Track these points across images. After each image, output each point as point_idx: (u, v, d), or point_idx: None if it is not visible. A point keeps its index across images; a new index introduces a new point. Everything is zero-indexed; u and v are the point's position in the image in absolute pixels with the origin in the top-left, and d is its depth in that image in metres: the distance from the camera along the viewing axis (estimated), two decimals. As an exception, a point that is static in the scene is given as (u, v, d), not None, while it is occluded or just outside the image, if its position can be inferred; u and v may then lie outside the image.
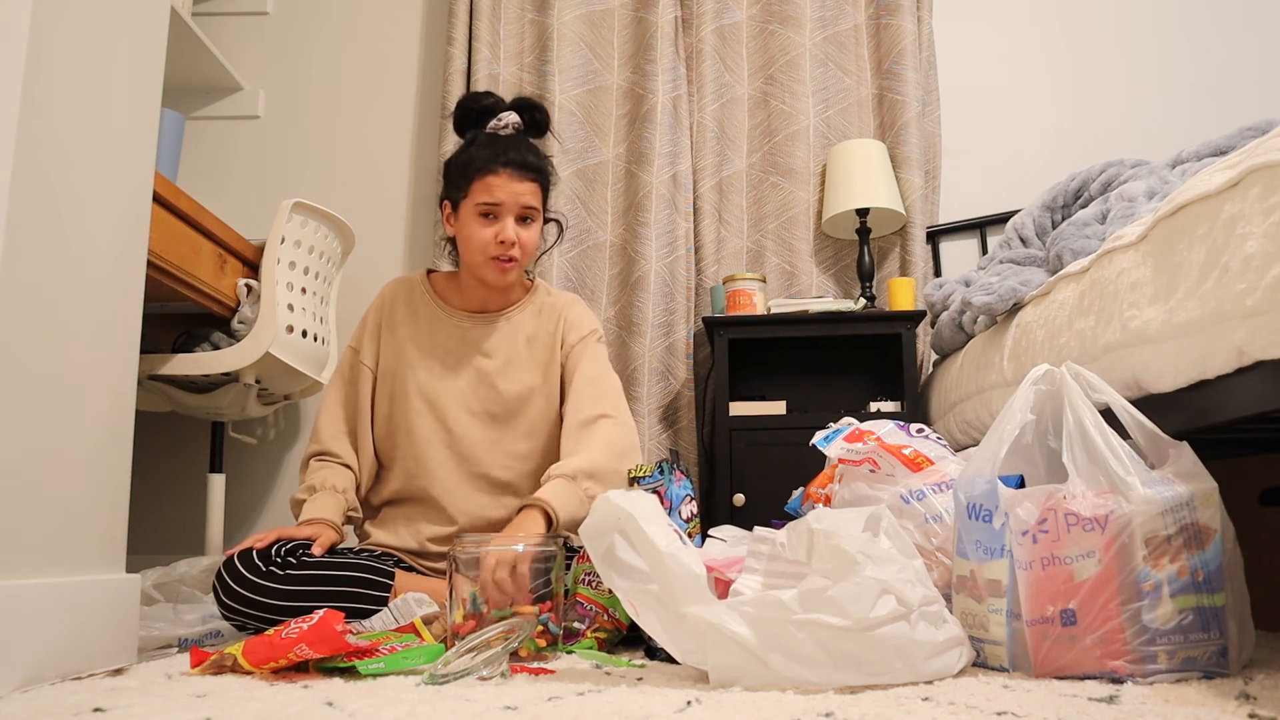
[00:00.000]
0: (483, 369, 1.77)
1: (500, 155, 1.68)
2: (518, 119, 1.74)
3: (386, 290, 1.85)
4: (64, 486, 1.20)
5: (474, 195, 1.69)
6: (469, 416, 1.75)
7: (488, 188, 1.67)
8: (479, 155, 1.69)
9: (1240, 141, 1.82)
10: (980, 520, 1.17)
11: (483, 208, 1.68)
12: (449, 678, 1.09)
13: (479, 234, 1.69)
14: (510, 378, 1.77)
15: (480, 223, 1.69)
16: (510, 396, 1.76)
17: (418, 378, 1.76)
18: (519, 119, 1.74)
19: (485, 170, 1.67)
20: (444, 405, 1.74)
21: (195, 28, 2.63)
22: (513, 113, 1.74)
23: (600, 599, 1.44)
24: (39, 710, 0.94)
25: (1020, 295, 1.81)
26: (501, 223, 1.68)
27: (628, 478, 1.64)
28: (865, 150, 2.57)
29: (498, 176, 1.67)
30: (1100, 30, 2.85)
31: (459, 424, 1.74)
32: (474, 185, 1.68)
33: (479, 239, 1.69)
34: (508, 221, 1.68)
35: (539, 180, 1.71)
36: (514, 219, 1.69)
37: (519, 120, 1.74)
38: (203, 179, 2.88)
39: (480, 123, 1.74)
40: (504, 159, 1.68)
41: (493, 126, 1.73)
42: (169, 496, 2.72)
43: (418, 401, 1.75)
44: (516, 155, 1.69)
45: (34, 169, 1.13)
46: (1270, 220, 1.01)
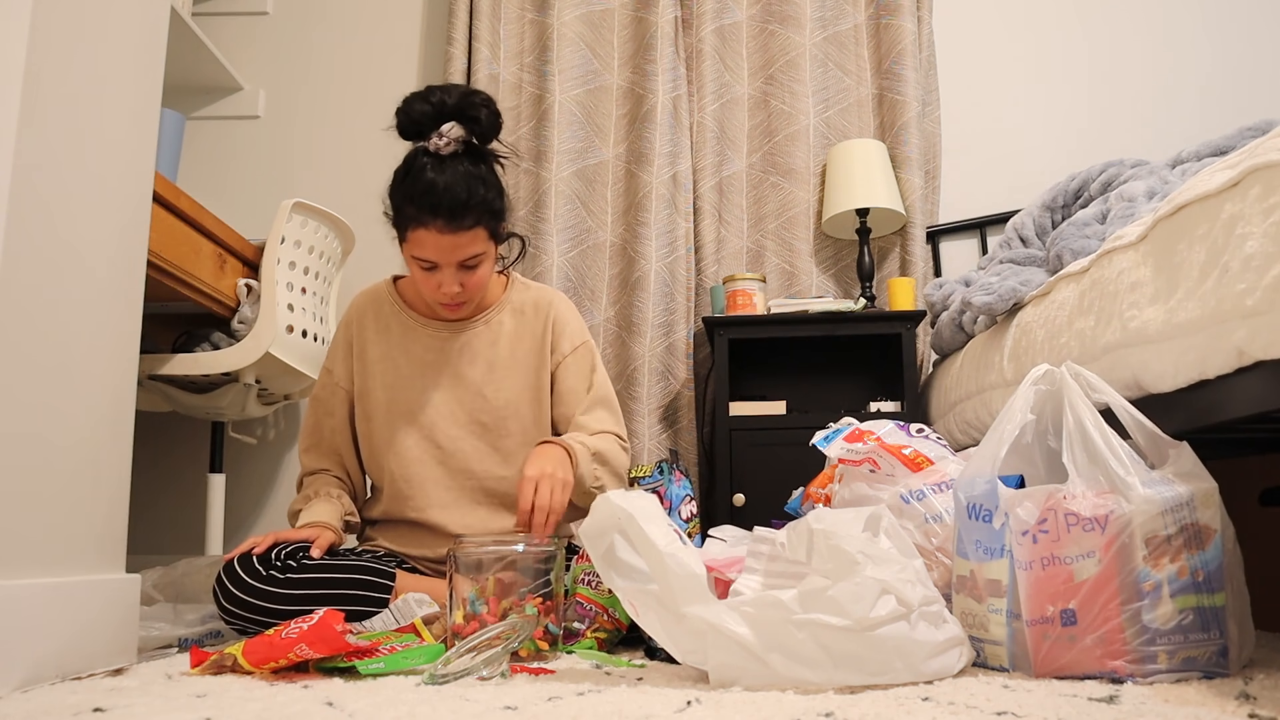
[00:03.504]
0: (466, 377, 1.69)
1: (429, 206, 1.49)
2: (460, 132, 1.52)
3: (353, 306, 1.75)
4: (64, 487, 1.20)
5: (410, 245, 1.56)
6: (457, 429, 1.68)
7: (420, 243, 1.53)
8: (409, 201, 1.52)
9: (1240, 141, 1.82)
10: (980, 520, 1.17)
11: (420, 262, 1.56)
12: (449, 678, 1.09)
13: (421, 280, 1.59)
14: (496, 384, 1.70)
15: (421, 272, 1.58)
16: (499, 404, 1.69)
17: (398, 395, 1.68)
18: (461, 131, 1.52)
19: (416, 223, 1.52)
20: (430, 420, 1.68)
21: (195, 28, 2.63)
22: (454, 125, 1.52)
23: (600, 599, 1.44)
24: (39, 710, 0.94)
25: (1020, 295, 1.81)
26: (441, 274, 1.56)
27: (627, 478, 1.64)
28: (865, 150, 2.57)
29: (429, 232, 1.51)
30: (1100, 30, 2.85)
31: (448, 438, 1.68)
32: (408, 235, 1.55)
33: (422, 284, 1.60)
34: (448, 273, 1.56)
35: (480, 221, 1.53)
36: (455, 268, 1.56)
37: (462, 134, 1.52)
38: (203, 179, 2.88)
39: (422, 134, 1.54)
40: (433, 210, 1.49)
41: (434, 145, 1.52)
42: (169, 496, 2.72)
43: (401, 420, 1.68)
44: (449, 203, 1.49)
45: (34, 169, 1.13)
46: (1270, 220, 1.01)
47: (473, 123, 1.53)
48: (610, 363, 2.64)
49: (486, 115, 1.54)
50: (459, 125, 1.52)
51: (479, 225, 1.54)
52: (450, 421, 1.68)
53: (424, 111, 1.53)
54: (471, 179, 1.52)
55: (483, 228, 1.55)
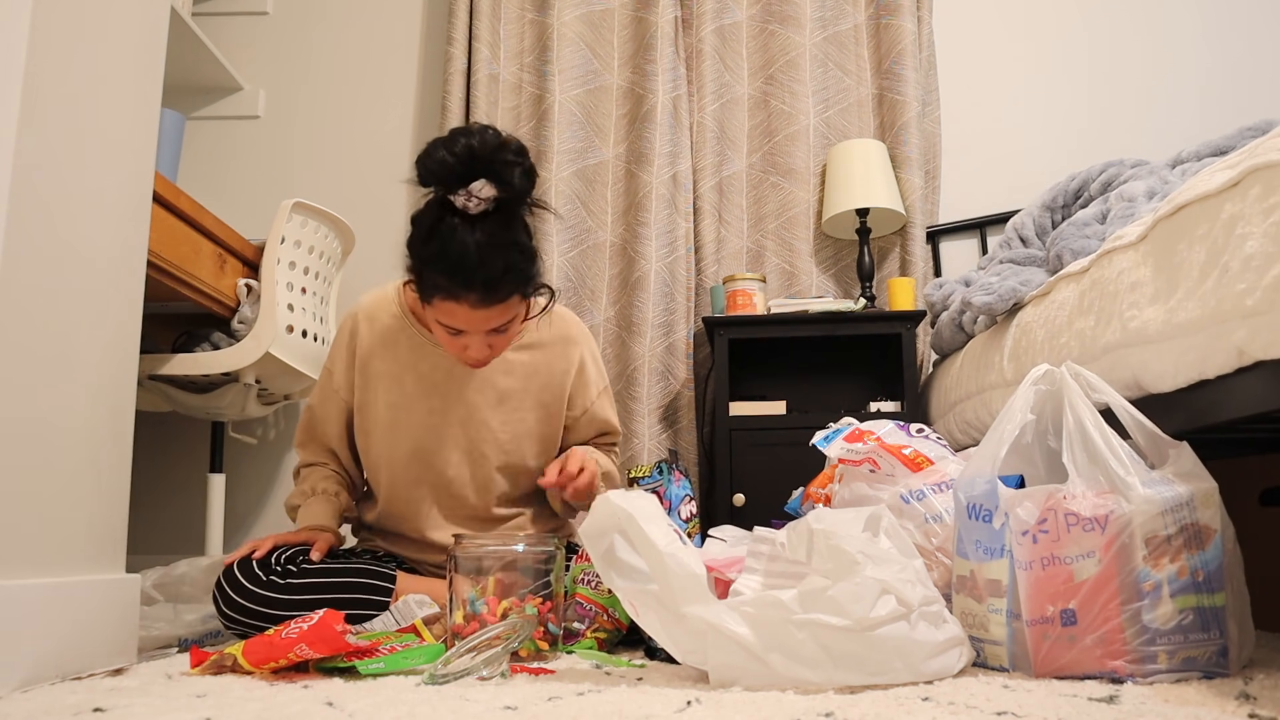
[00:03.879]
0: (473, 405, 1.61)
1: (463, 281, 1.36)
2: (492, 192, 1.33)
3: (359, 313, 1.63)
4: (64, 486, 1.20)
5: (435, 310, 1.43)
6: (459, 456, 1.62)
7: (450, 313, 1.42)
8: (438, 271, 1.37)
9: (1240, 141, 1.82)
10: (980, 520, 1.17)
11: (446, 327, 1.45)
12: (449, 678, 1.09)
13: (445, 340, 1.49)
14: (504, 417, 1.63)
15: (445, 334, 1.47)
16: (504, 437, 1.63)
17: (400, 415, 1.61)
18: (493, 191, 1.33)
19: (446, 295, 1.39)
20: (431, 446, 1.61)
21: (195, 28, 2.63)
22: (485, 184, 1.32)
23: (600, 599, 1.44)
24: (39, 710, 0.94)
25: (1020, 295, 1.81)
26: (468, 337, 1.46)
27: (627, 479, 1.64)
28: (865, 150, 2.57)
29: (459, 305, 1.39)
30: (1100, 30, 2.85)
31: (448, 464, 1.62)
32: (435, 302, 1.41)
33: (446, 345, 1.51)
34: (476, 339, 1.46)
35: (514, 293, 1.41)
36: (484, 334, 1.46)
37: (493, 194, 1.33)
38: (203, 179, 2.88)
39: (447, 185, 1.34)
40: (465, 286, 1.36)
41: (461, 204, 1.33)
42: (169, 496, 2.72)
43: (402, 441, 1.61)
44: (484, 277, 1.36)
45: (34, 169, 1.13)
46: (1270, 220, 1.01)
47: (505, 185, 1.34)
48: (610, 363, 2.64)
49: (519, 177, 1.35)
50: (490, 185, 1.33)
51: (512, 295, 1.42)
52: (452, 448, 1.62)
53: (448, 164, 1.33)
54: (506, 248, 1.37)
55: (517, 294, 1.43)
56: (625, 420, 2.58)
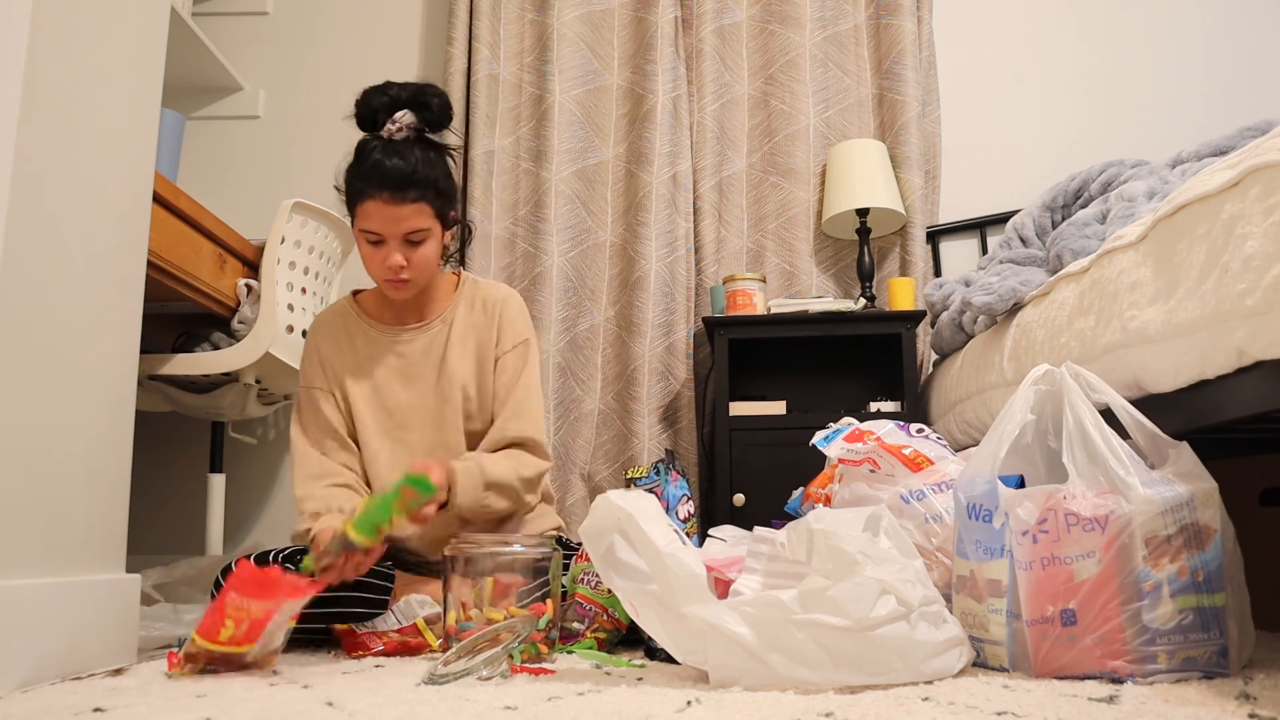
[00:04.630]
0: (429, 379, 1.70)
1: (376, 179, 1.55)
2: (412, 119, 1.59)
3: (315, 326, 1.76)
4: (64, 486, 1.20)
5: (359, 220, 1.60)
6: (429, 429, 1.68)
7: (367, 215, 1.57)
8: (359, 176, 1.58)
9: (1240, 141, 1.82)
10: (980, 520, 1.17)
11: (367, 235, 1.60)
12: (449, 678, 1.10)
13: (368, 257, 1.62)
14: (449, 379, 1.70)
15: (368, 248, 1.61)
16: (455, 399, 1.69)
17: (367, 403, 1.69)
18: (413, 118, 1.59)
19: (362, 194, 1.57)
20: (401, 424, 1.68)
21: (195, 28, 2.63)
22: (406, 112, 1.58)
23: (600, 599, 1.44)
24: (39, 710, 0.94)
25: (1020, 295, 1.81)
26: (386, 248, 1.59)
27: (625, 479, 1.64)
28: (865, 150, 2.57)
29: (375, 203, 1.56)
30: (1101, 30, 2.85)
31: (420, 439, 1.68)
32: (357, 210, 1.59)
33: (369, 262, 1.62)
34: (393, 247, 1.59)
35: (424, 197, 1.58)
36: (400, 243, 1.59)
37: (413, 120, 1.59)
38: (203, 179, 2.87)
39: (377, 124, 1.60)
40: (380, 182, 1.55)
41: (387, 131, 1.58)
42: (169, 496, 2.72)
43: (378, 428, 1.68)
44: (395, 175, 1.55)
45: (34, 169, 1.14)
46: (1270, 220, 1.01)
47: (423, 109, 1.60)
48: (610, 363, 2.64)
49: (438, 104, 1.61)
50: (411, 112, 1.59)
51: (423, 200, 1.58)
52: (422, 422, 1.68)
53: (381, 103, 1.60)
54: (418, 158, 1.58)
55: (427, 204, 1.59)
56: (625, 420, 2.58)
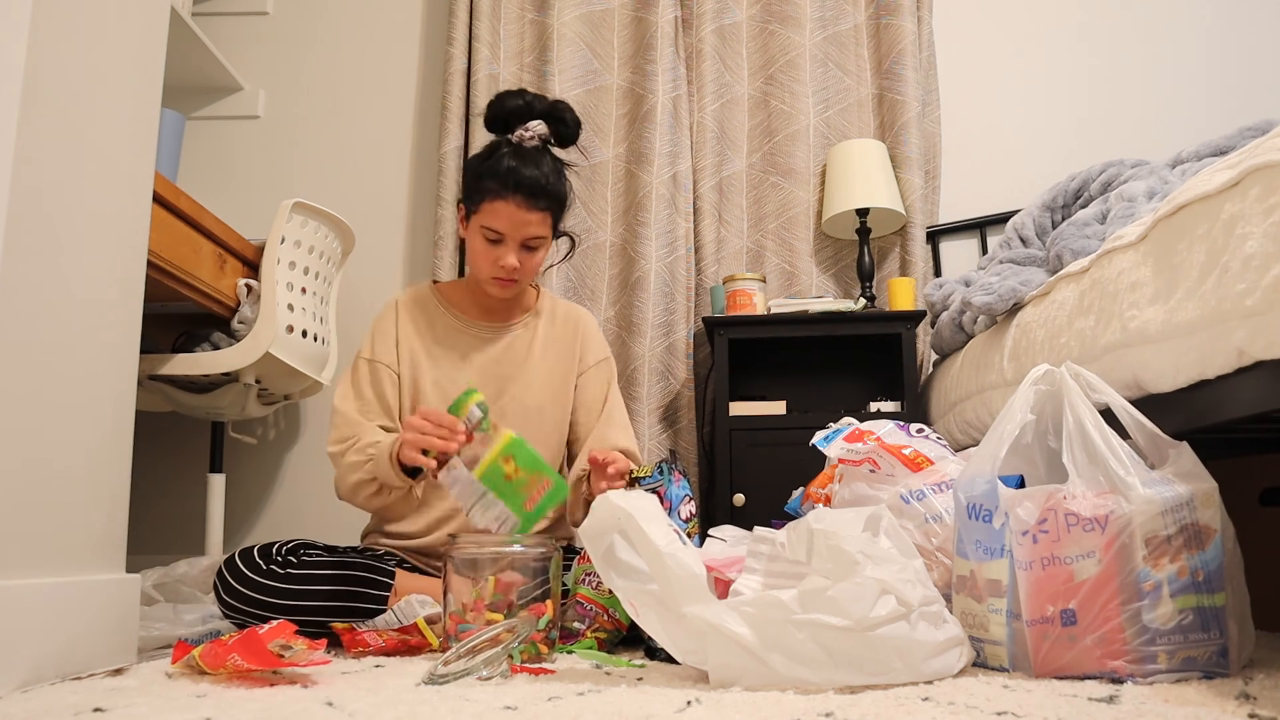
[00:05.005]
0: (507, 377, 1.75)
1: (512, 182, 1.61)
2: (544, 129, 1.67)
3: (398, 301, 1.79)
4: (64, 486, 1.20)
5: (481, 216, 1.65)
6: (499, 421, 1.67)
7: (494, 214, 1.63)
8: (492, 176, 1.63)
9: (1240, 141, 1.82)
10: (980, 520, 1.17)
11: (488, 232, 1.65)
12: (449, 678, 1.10)
13: (482, 253, 1.67)
14: (529, 387, 1.75)
15: (484, 244, 1.66)
16: (529, 404, 1.74)
17: (440, 387, 1.72)
18: (545, 129, 1.67)
19: (495, 195, 1.62)
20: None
21: (195, 28, 2.63)
22: (540, 122, 1.66)
23: (600, 599, 1.44)
24: (39, 710, 0.94)
25: (1020, 295, 1.81)
26: (504, 248, 1.65)
27: (626, 479, 1.64)
28: (865, 150, 2.57)
29: (506, 204, 1.62)
30: (1101, 30, 2.85)
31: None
32: (483, 206, 1.64)
33: (481, 258, 1.67)
34: (510, 248, 1.65)
35: (550, 208, 1.66)
36: (518, 245, 1.66)
37: (545, 131, 1.67)
38: (203, 179, 2.87)
39: (508, 127, 1.67)
40: (515, 186, 1.61)
41: (518, 136, 1.65)
42: (169, 496, 2.72)
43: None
44: (529, 183, 1.61)
45: (34, 169, 1.13)
46: (1270, 220, 1.01)
47: (558, 123, 1.68)
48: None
49: (571, 119, 1.70)
50: (545, 124, 1.67)
51: (549, 210, 1.65)
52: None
53: (515, 106, 1.67)
54: (549, 169, 1.66)
55: (550, 214, 1.66)
56: (625, 420, 2.58)
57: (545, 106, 1.68)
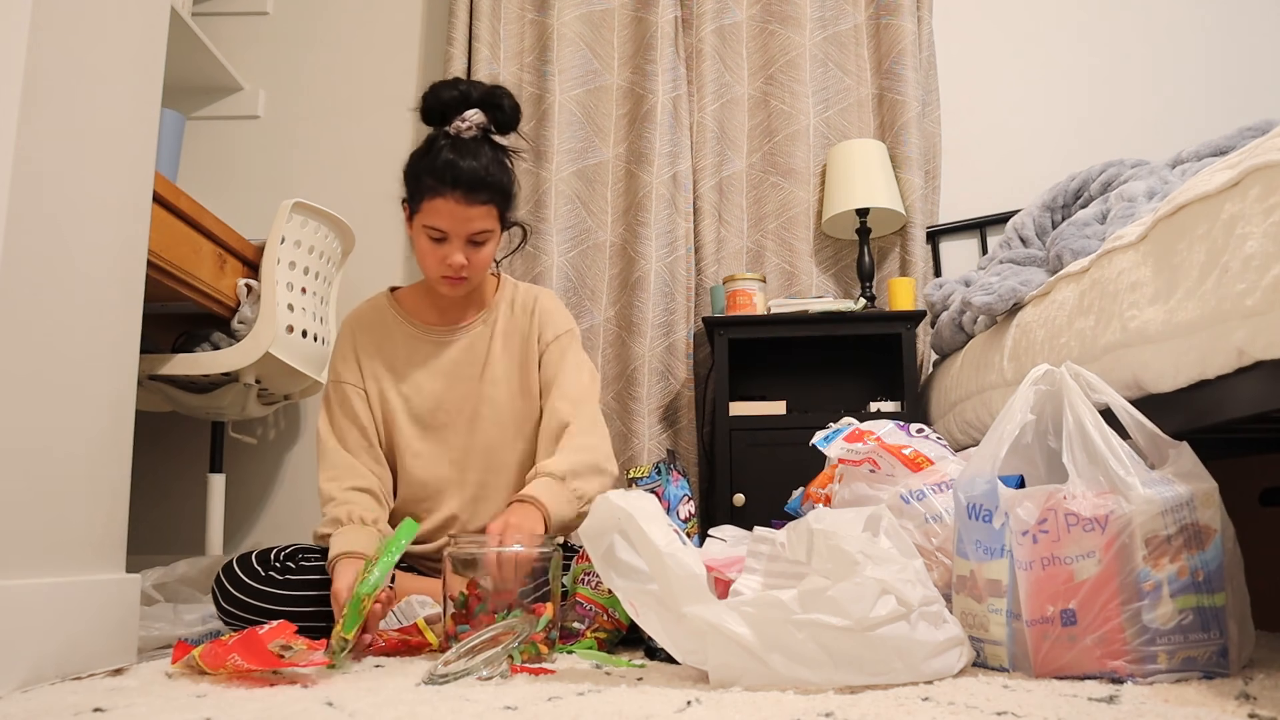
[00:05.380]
0: (470, 377, 1.71)
1: (449, 177, 1.55)
2: (481, 118, 1.59)
3: (354, 319, 1.75)
4: (64, 487, 1.20)
5: (423, 215, 1.59)
6: (466, 427, 1.69)
7: (435, 212, 1.57)
8: (429, 172, 1.57)
9: (1240, 141, 1.82)
10: (980, 520, 1.17)
11: (431, 231, 1.59)
12: (449, 678, 1.09)
13: (428, 252, 1.62)
14: (495, 384, 1.71)
15: (429, 243, 1.61)
16: (498, 399, 1.70)
17: (406, 402, 1.69)
18: (483, 118, 1.59)
19: (433, 193, 1.56)
20: (441, 422, 1.69)
21: (195, 28, 2.63)
22: (477, 111, 1.59)
23: (600, 599, 1.44)
24: (39, 710, 0.94)
25: (1020, 295, 1.81)
26: (449, 246, 1.60)
27: (626, 479, 1.64)
28: (865, 150, 2.57)
29: (445, 201, 1.55)
30: (1101, 30, 2.85)
31: (458, 436, 1.69)
32: (423, 205, 1.58)
33: (428, 257, 1.63)
34: (456, 245, 1.60)
35: (493, 200, 1.59)
36: (463, 242, 1.60)
37: (483, 120, 1.59)
38: (203, 179, 2.88)
39: (445, 119, 1.59)
40: (453, 182, 1.55)
41: (455, 128, 1.58)
42: (169, 496, 2.72)
43: (411, 426, 1.69)
44: (468, 176, 1.55)
45: (34, 169, 1.13)
46: (1270, 220, 1.01)
47: (495, 110, 1.61)
48: (610, 363, 2.64)
49: (509, 105, 1.62)
50: (481, 112, 1.60)
51: (491, 203, 1.59)
52: (461, 423, 1.69)
53: (451, 97, 1.60)
54: (489, 160, 1.59)
55: (494, 206, 1.60)
56: (625, 420, 2.58)
57: (481, 93, 1.61)
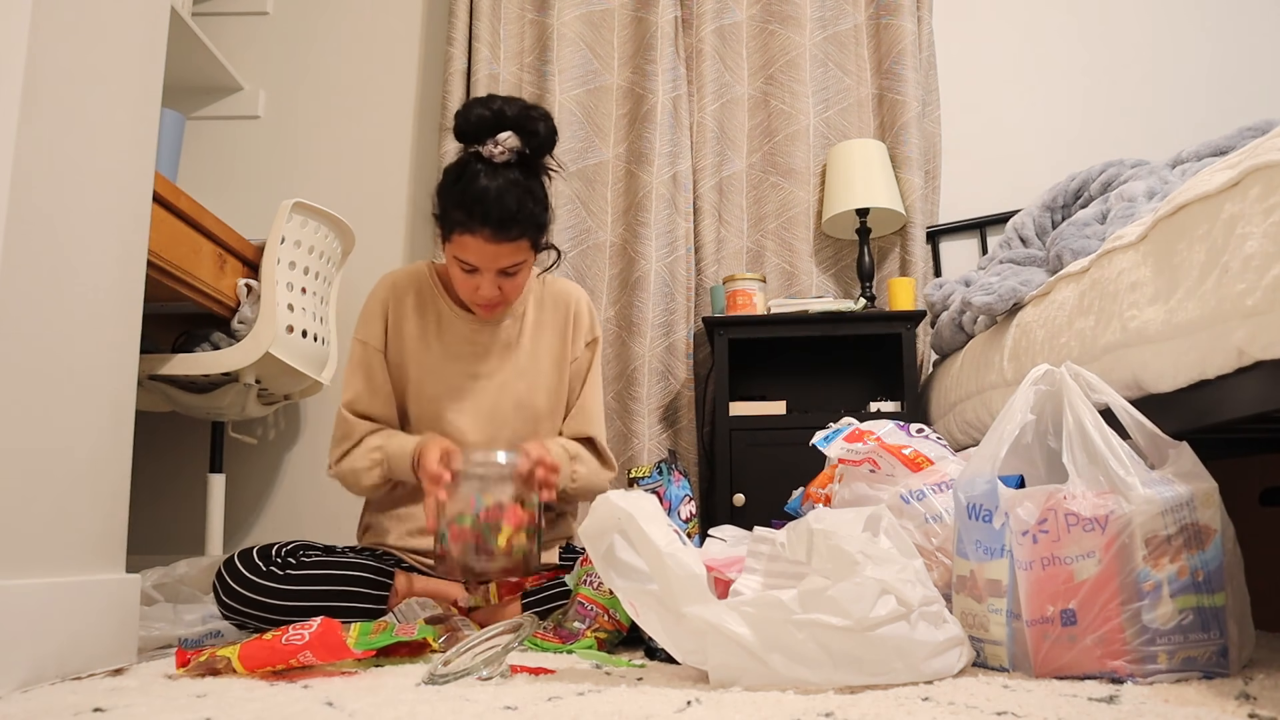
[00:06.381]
0: (492, 370, 1.70)
1: (479, 214, 1.50)
2: (516, 143, 1.52)
3: (391, 280, 1.72)
4: (64, 486, 1.20)
5: (453, 246, 1.56)
6: (479, 421, 1.68)
7: (464, 247, 1.54)
8: (459, 205, 1.52)
9: (1240, 141, 1.82)
10: (980, 520, 1.17)
11: (462, 264, 1.57)
12: (449, 678, 1.09)
13: (460, 281, 1.60)
14: (519, 375, 1.71)
15: (460, 273, 1.59)
16: (521, 396, 1.70)
17: (425, 378, 1.68)
18: (517, 142, 1.52)
19: (463, 228, 1.52)
20: (453, 411, 1.67)
21: (195, 28, 2.63)
22: (511, 135, 1.52)
23: (600, 599, 1.44)
24: (39, 710, 0.94)
25: (1020, 295, 1.81)
26: (480, 277, 1.58)
27: (627, 479, 1.65)
28: (865, 150, 2.57)
29: (475, 239, 1.52)
30: (1101, 30, 2.85)
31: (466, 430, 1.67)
32: (453, 237, 1.55)
33: (460, 285, 1.61)
34: (487, 278, 1.57)
35: (525, 235, 1.55)
36: (494, 274, 1.58)
37: (518, 144, 1.52)
38: (203, 179, 2.88)
39: (478, 139, 1.54)
40: (483, 219, 1.50)
41: (488, 152, 1.52)
42: (169, 496, 2.72)
43: (432, 405, 1.68)
44: (498, 215, 1.50)
45: (34, 169, 1.13)
46: (1270, 220, 1.01)
47: (530, 136, 1.54)
48: (610, 363, 2.64)
49: (544, 129, 1.55)
50: (515, 136, 1.53)
51: (524, 238, 1.55)
52: (476, 412, 1.68)
53: (483, 117, 1.53)
54: (522, 191, 1.53)
55: (527, 240, 1.56)
56: (625, 420, 2.58)
57: (516, 113, 1.54)
